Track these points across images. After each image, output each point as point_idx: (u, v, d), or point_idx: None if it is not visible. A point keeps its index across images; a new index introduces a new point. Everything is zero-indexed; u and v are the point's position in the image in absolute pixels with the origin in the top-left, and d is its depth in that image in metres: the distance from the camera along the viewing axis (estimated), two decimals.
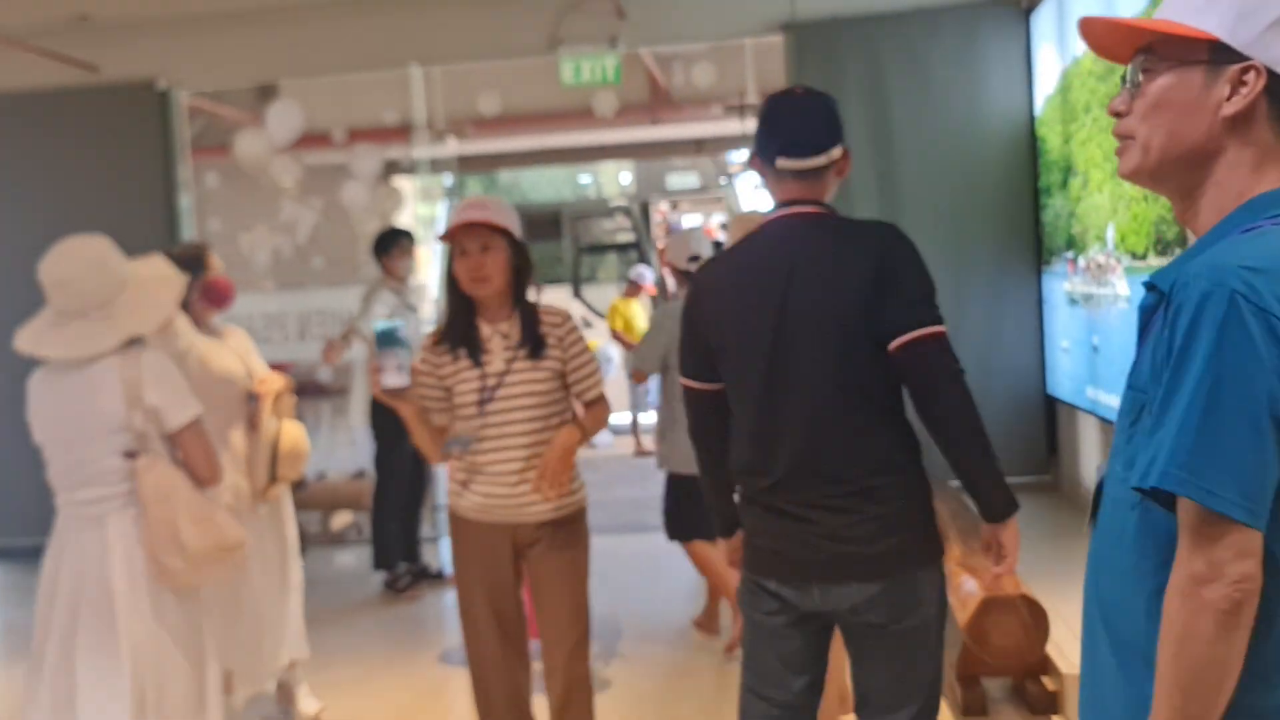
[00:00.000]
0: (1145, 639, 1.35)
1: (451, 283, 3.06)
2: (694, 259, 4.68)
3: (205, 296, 3.84)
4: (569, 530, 3.16)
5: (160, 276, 3.08)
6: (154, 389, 2.83)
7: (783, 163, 2.36)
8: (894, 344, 2.25)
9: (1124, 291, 4.78)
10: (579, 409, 3.21)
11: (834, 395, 2.27)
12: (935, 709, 2.41)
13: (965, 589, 3.82)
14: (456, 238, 3.00)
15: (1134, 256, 4.60)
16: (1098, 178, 5.06)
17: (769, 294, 2.31)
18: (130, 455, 2.83)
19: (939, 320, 2.28)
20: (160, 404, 2.85)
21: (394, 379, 2.84)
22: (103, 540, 2.82)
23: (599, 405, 3.19)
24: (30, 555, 6.87)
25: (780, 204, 2.40)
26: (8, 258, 6.95)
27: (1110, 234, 4.91)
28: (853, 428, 2.28)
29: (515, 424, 3.02)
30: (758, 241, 2.40)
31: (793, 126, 2.39)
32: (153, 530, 2.80)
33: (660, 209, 12.97)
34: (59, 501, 2.93)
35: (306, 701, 4.23)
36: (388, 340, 2.83)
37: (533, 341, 3.05)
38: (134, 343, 2.89)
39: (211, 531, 2.87)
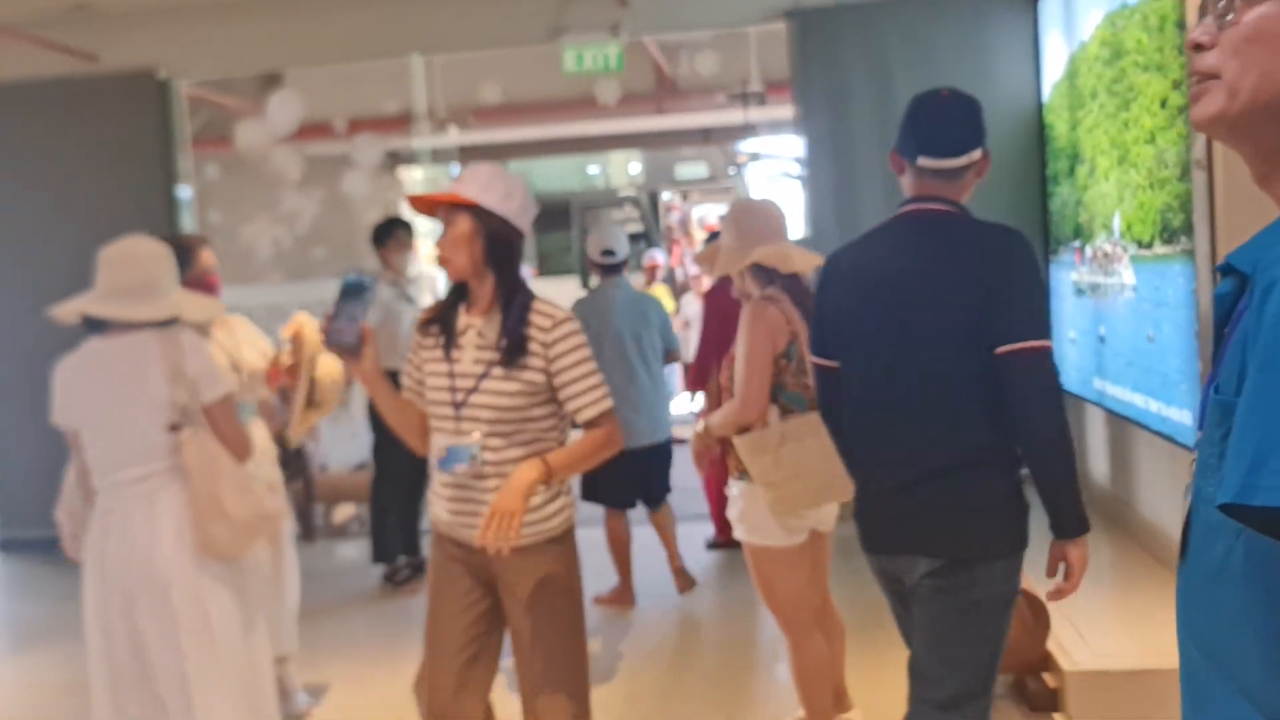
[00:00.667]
0: (1268, 694, 1.08)
1: None
2: (607, 253, 5.12)
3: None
4: (549, 561, 2.66)
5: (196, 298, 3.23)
6: (193, 362, 2.95)
7: (924, 161, 2.48)
8: (999, 350, 2.32)
9: (1130, 281, 4.69)
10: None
11: (946, 387, 2.38)
12: (983, 693, 2.47)
13: None
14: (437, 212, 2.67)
15: (1140, 245, 4.51)
16: (1104, 165, 4.97)
17: (894, 286, 2.42)
18: (174, 428, 2.92)
19: (1045, 334, 2.35)
20: (199, 376, 2.96)
21: (341, 335, 2.55)
22: (152, 518, 2.89)
23: (599, 428, 2.63)
24: (39, 547, 6.92)
25: (912, 200, 2.51)
26: (6, 250, 6.95)
27: (1117, 222, 4.82)
28: (958, 419, 2.38)
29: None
30: (887, 234, 2.52)
31: (936, 127, 2.51)
32: (198, 500, 2.90)
33: (674, 202, 12.90)
34: (100, 484, 2.97)
35: (298, 697, 4.19)
36: (352, 293, 2.59)
37: (509, 345, 2.57)
38: (171, 322, 3.00)
39: (253, 500, 2.98)
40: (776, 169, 9.66)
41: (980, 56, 6.32)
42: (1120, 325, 4.88)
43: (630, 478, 5.16)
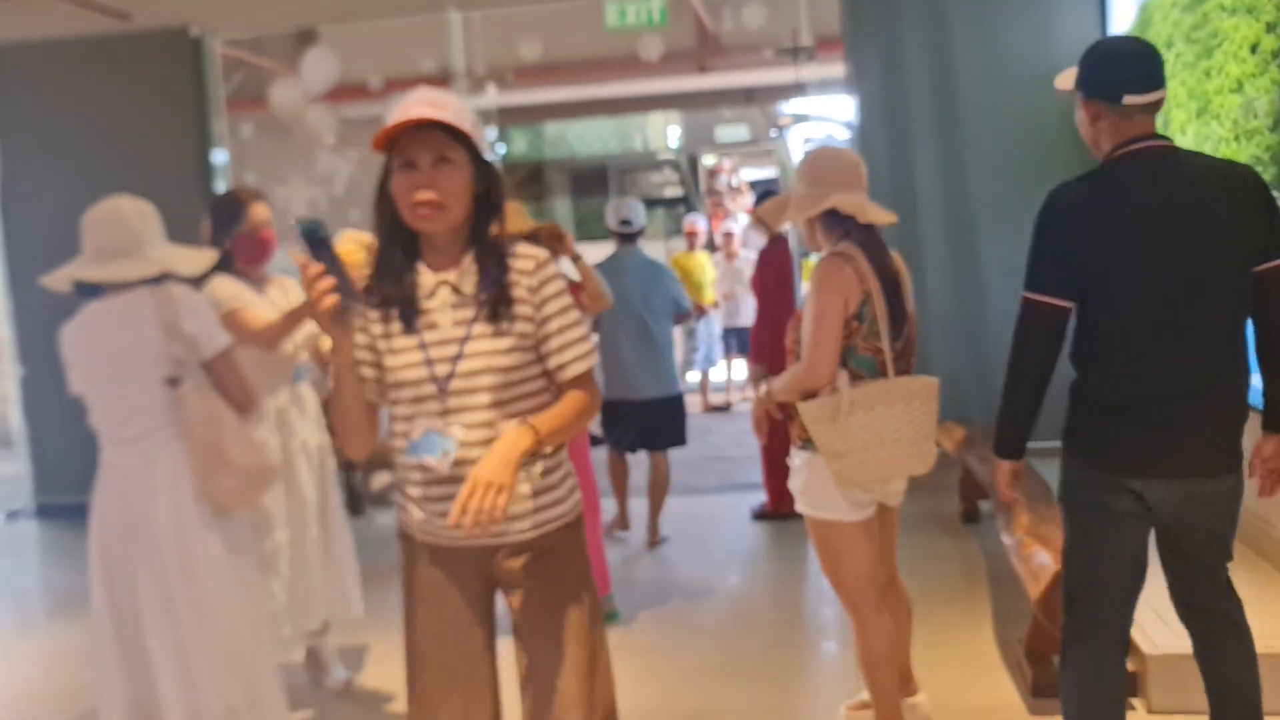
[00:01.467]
0: None
1: (384, 207, 2.15)
2: (625, 222, 5.54)
3: (239, 252, 3.65)
4: (566, 554, 2.28)
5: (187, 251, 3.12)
6: (188, 318, 2.91)
7: (1131, 99, 2.50)
8: (1261, 269, 2.49)
9: None
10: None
11: (1224, 310, 2.49)
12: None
13: (1037, 560, 3.55)
14: (399, 143, 2.09)
15: None
16: (1180, 119, 4.69)
17: (1166, 219, 2.45)
18: (172, 383, 2.90)
19: None
20: (195, 332, 2.92)
21: (344, 296, 2.06)
22: (149, 475, 2.88)
23: (580, 388, 2.22)
24: (74, 513, 6.85)
25: (1132, 139, 2.53)
26: (38, 214, 6.84)
27: None
28: (1229, 345, 2.51)
29: (472, 416, 2.14)
30: (1131, 172, 2.53)
31: (1138, 64, 2.53)
32: (200, 453, 2.88)
33: (722, 165, 12.64)
34: (104, 443, 2.97)
35: (337, 670, 4.06)
36: (320, 244, 2.07)
37: (495, 295, 2.15)
38: (163, 279, 2.96)
39: (257, 451, 2.97)
40: (821, 131, 9.37)
41: (1042, 10, 6.04)
42: None
43: (636, 426, 5.54)
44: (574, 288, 4.34)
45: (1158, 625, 3.55)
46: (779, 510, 6.10)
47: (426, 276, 2.18)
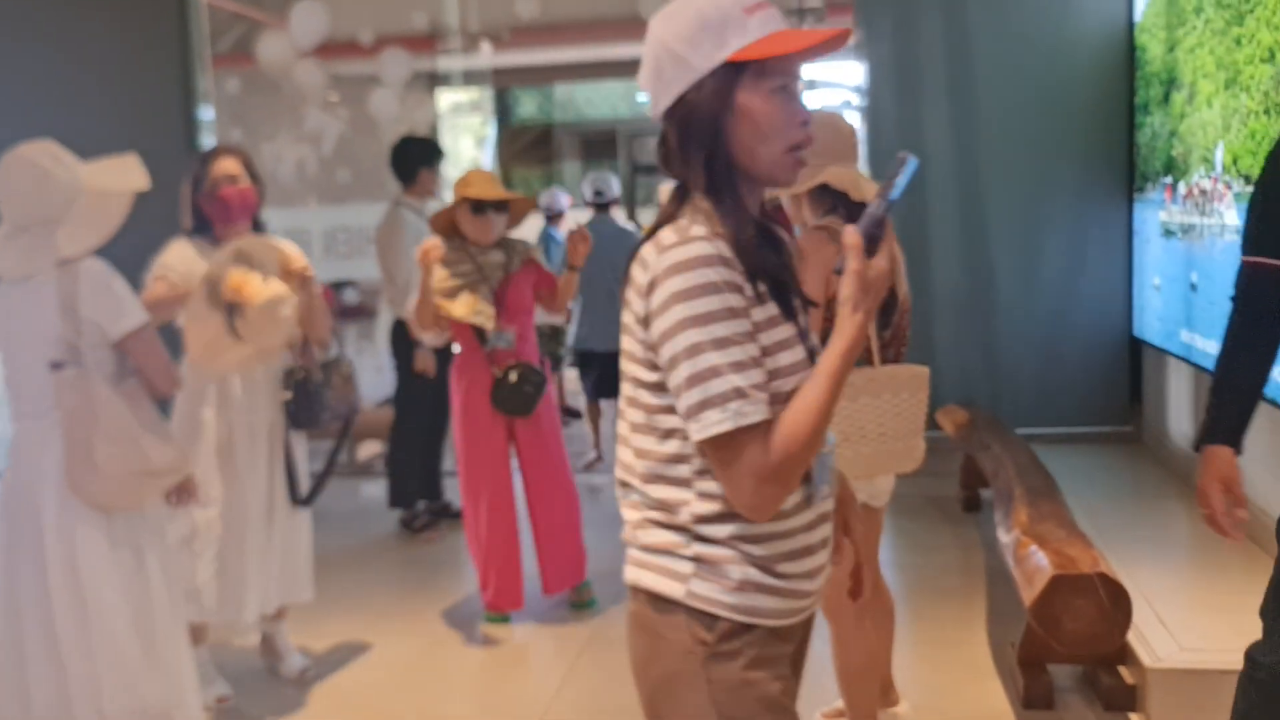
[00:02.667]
0: None
1: (716, 143, 1.54)
2: (598, 194, 6.46)
3: (207, 213, 3.45)
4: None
5: (115, 189, 2.82)
6: (89, 301, 2.70)
7: None
8: None
9: (1233, 222, 4.14)
10: None
11: None
12: None
13: (1033, 562, 3.30)
14: (769, 63, 1.52)
15: (1248, 181, 3.96)
16: (1207, 90, 4.39)
17: None
18: (56, 366, 2.71)
19: None
20: (97, 316, 2.71)
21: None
22: (38, 461, 2.72)
23: None
24: None
25: None
26: None
27: (1219, 155, 4.26)
28: None
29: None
30: None
31: None
32: (70, 447, 2.70)
33: None
34: (11, 417, 2.82)
35: (293, 658, 3.86)
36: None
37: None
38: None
39: (131, 454, 2.74)
40: (831, 97, 9.07)
41: None
42: (1218, 272, 4.34)
43: (610, 376, 6.03)
44: (545, 278, 4.24)
45: (1160, 635, 3.31)
46: None
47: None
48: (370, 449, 7.12)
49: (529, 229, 8.69)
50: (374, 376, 7.00)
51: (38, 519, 2.70)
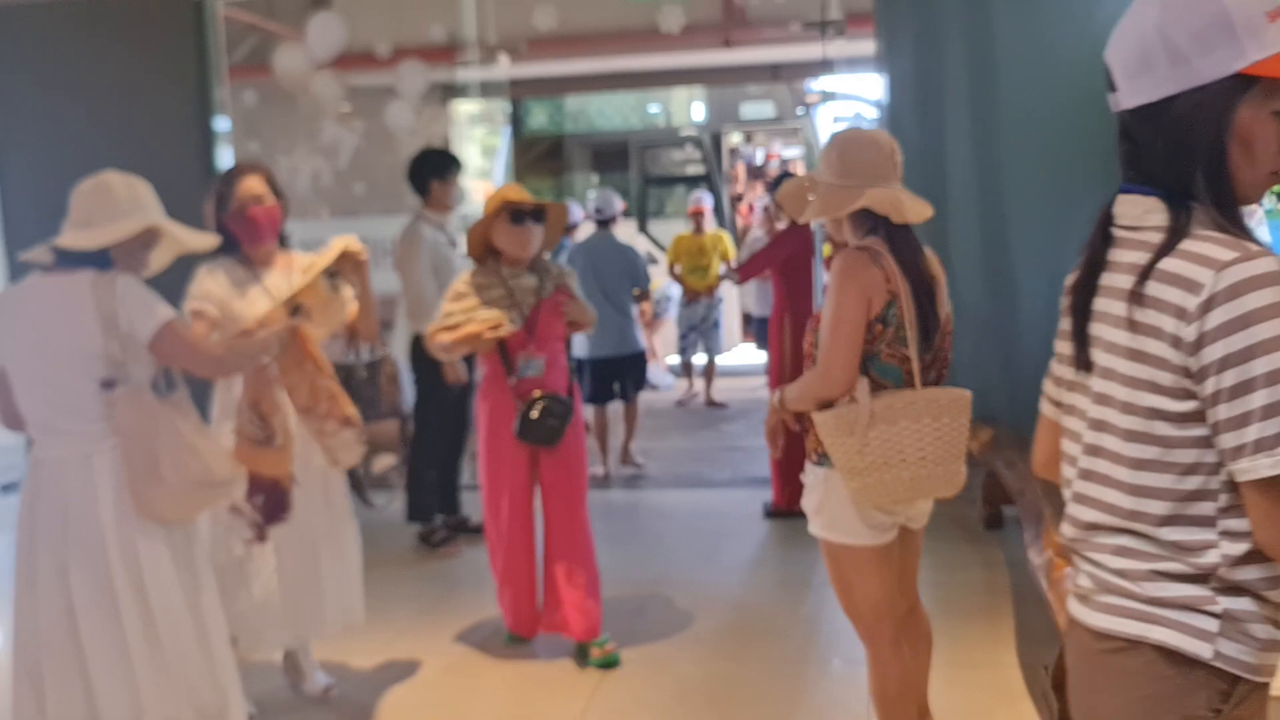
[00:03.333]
0: None
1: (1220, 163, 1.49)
2: (599, 211, 6.88)
3: (234, 233, 3.44)
4: None
5: (176, 238, 2.97)
6: (125, 312, 2.70)
7: None
8: None
9: (1264, 239, 4.09)
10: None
11: None
12: None
13: (1067, 585, 3.26)
14: None
15: None
16: None
17: None
18: (107, 385, 2.70)
19: None
20: (133, 326, 2.72)
21: None
22: (89, 475, 2.69)
23: None
24: None
25: None
26: (32, 182, 6.62)
27: None
28: None
29: None
30: None
31: None
32: (132, 462, 2.70)
33: (774, 151, 12.28)
34: (34, 432, 2.77)
35: (317, 676, 3.83)
36: None
37: None
38: (107, 267, 2.76)
39: (194, 465, 2.75)
40: (850, 110, 9.04)
41: None
42: None
43: (607, 380, 6.82)
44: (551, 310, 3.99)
45: None
46: (790, 508, 5.84)
47: None
48: (385, 462, 7.08)
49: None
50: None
51: (92, 536, 2.68)
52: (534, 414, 3.87)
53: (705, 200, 8.91)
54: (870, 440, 2.57)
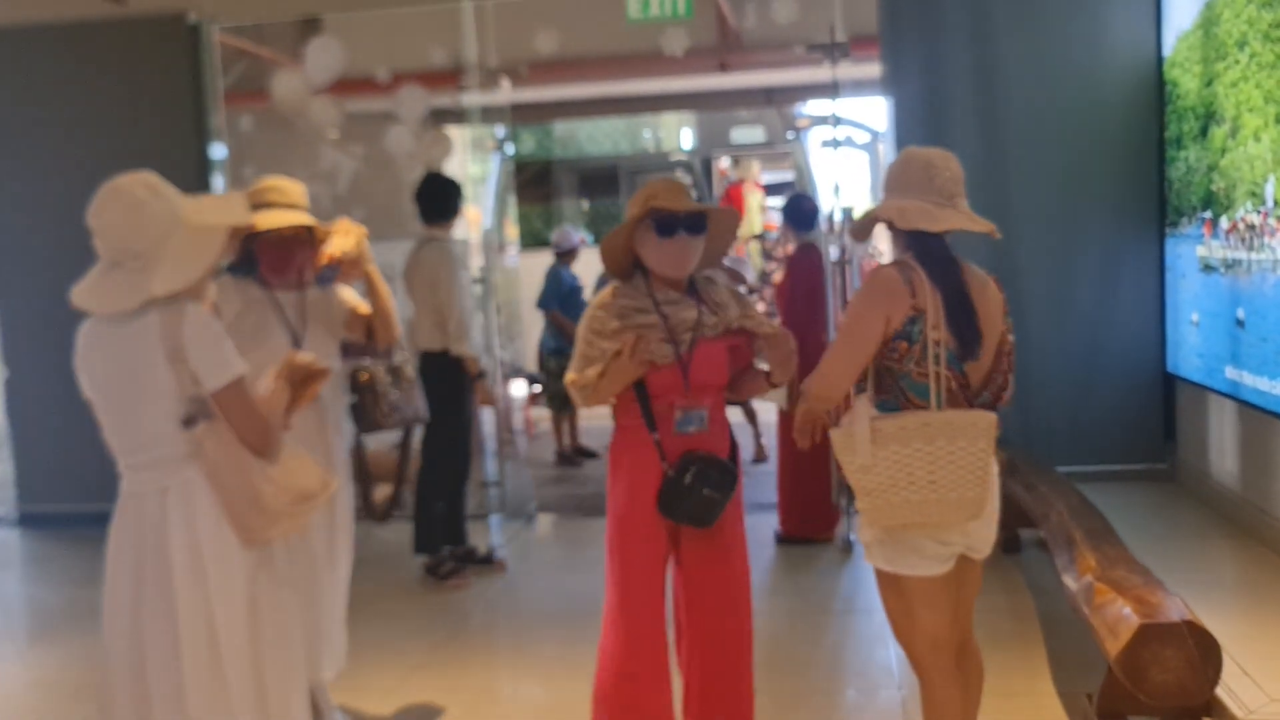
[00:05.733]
0: None
1: None
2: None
3: (266, 260, 3.35)
4: None
5: (211, 225, 2.67)
6: (194, 344, 2.56)
7: None
8: None
9: None
10: None
11: None
12: None
13: (1115, 611, 3.19)
14: None
15: None
16: (1254, 124, 4.34)
17: None
18: (189, 423, 2.58)
19: None
20: (197, 365, 2.56)
21: None
22: (161, 506, 2.60)
23: None
24: (61, 523, 6.48)
25: None
26: (26, 207, 6.50)
27: (1270, 189, 4.20)
28: None
29: None
30: None
31: None
32: (228, 496, 2.60)
33: (724, 167, 12.26)
34: (120, 466, 2.67)
35: (334, 716, 3.70)
36: None
37: None
38: (176, 298, 2.58)
39: (288, 488, 2.66)
40: (841, 135, 9.03)
41: (1091, 11, 5.71)
42: (1269, 308, 4.28)
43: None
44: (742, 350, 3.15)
45: (1246, 686, 3.20)
46: (791, 534, 5.77)
47: None
48: (384, 492, 6.96)
49: (535, 266, 8.61)
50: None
51: (164, 568, 2.58)
52: (687, 479, 2.94)
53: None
54: (880, 460, 2.53)
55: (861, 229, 2.89)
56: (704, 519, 2.97)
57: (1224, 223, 4.74)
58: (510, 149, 10.26)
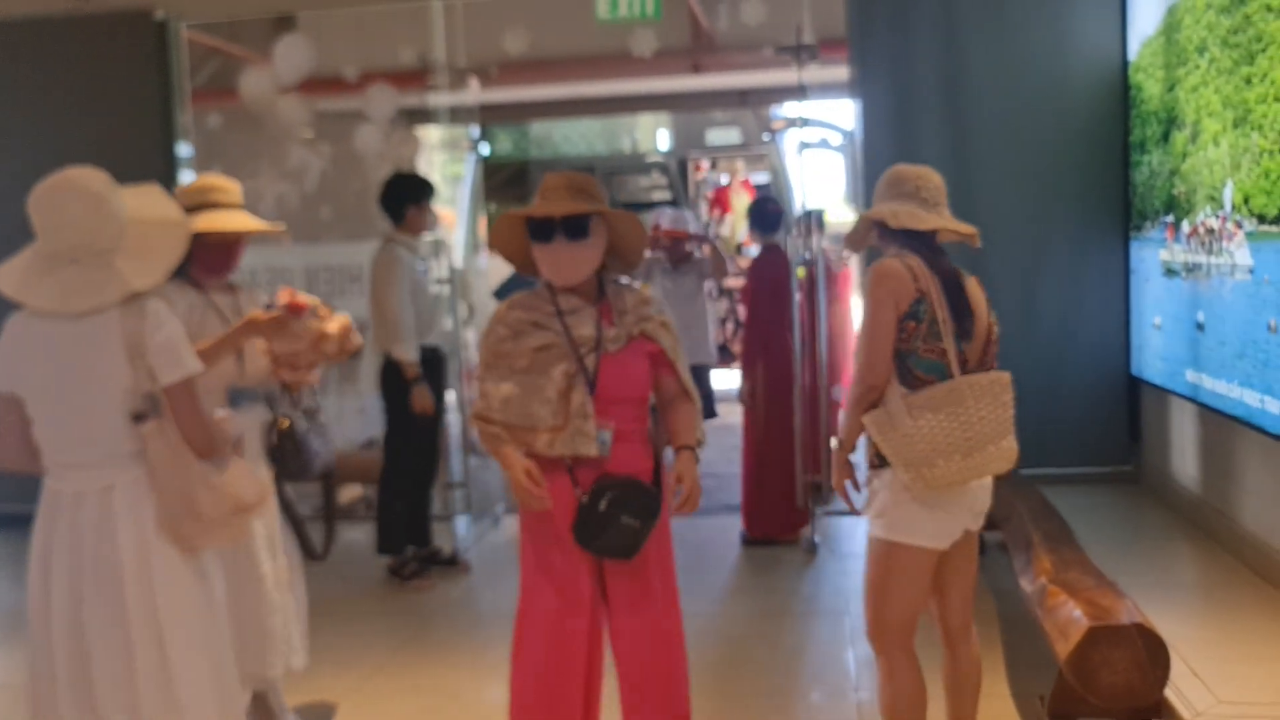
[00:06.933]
0: None
1: None
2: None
3: (204, 261, 3.29)
4: None
5: (162, 219, 2.68)
6: (154, 337, 2.55)
7: None
8: None
9: (1245, 261, 4.10)
10: None
11: None
12: None
13: (1065, 614, 3.21)
14: None
15: (1262, 220, 3.92)
16: (1213, 129, 4.37)
17: None
18: (138, 418, 2.57)
19: None
20: (156, 360, 2.56)
21: None
22: (108, 507, 2.57)
23: None
24: (9, 523, 6.41)
25: None
26: None
27: (1229, 194, 4.23)
28: None
29: None
30: None
31: None
32: (165, 498, 2.58)
33: (701, 165, 12.24)
34: (50, 464, 2.63)
35: (287, 719, 3.68)
36: None
37: None
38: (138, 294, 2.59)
39: (226, 496, 2.64)
40: (816, 136, 9.04)
41: (1058, 15, 5.73)
42: (1228, 312, 4.30)
43: None
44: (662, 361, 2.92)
45: (1195, 687, 3.21)
46: (762, 538, 5.77)
47: None
48: (352, 493, 6.93)
49: (506, 267, 8.58)
50: (357, 418, 6.83)
51: (111, 568, 2.56)
52: (601, 505, 2.72)
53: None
54: (920, 429, 2.68)
55: (858, 235, 3.06)
56: (624, 550, 2.75)
57: (1185, 227, 4.76)
58: (485, 149, 10.25)
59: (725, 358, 9.60)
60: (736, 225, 11.67)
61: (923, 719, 2.88)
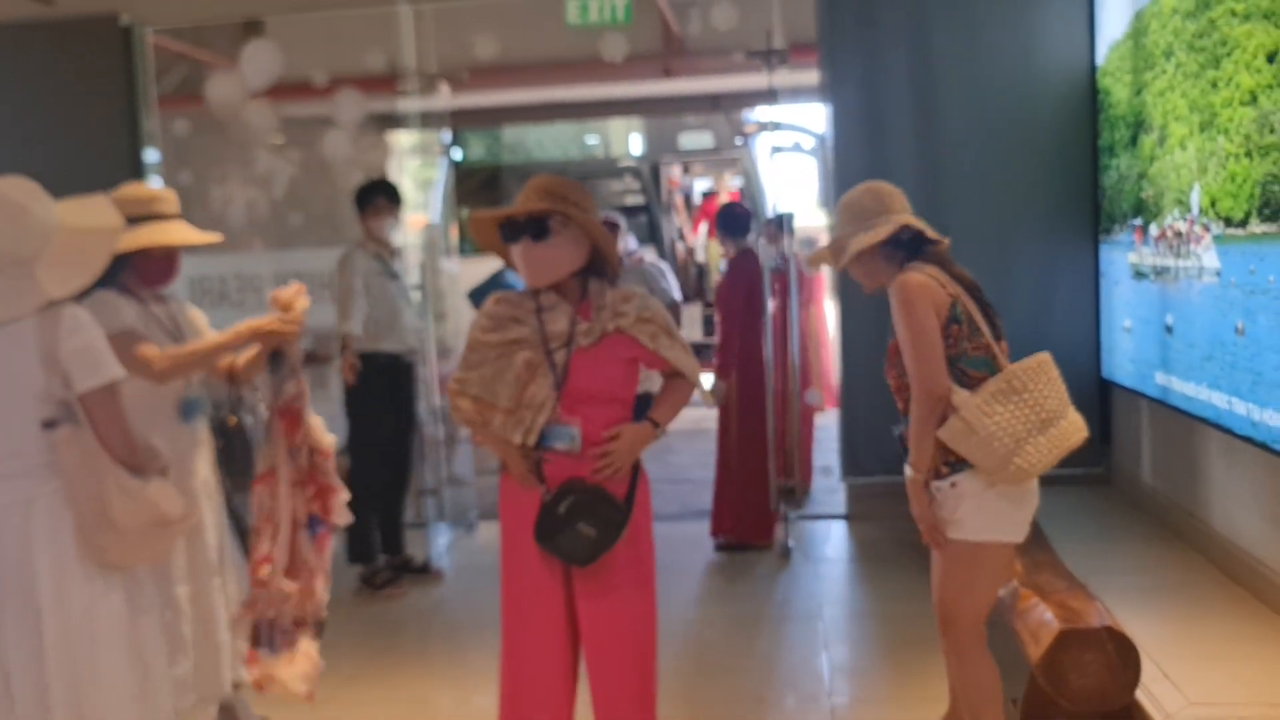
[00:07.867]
0: None
1: None
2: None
3: (145, 272, 3.23)
4: None
5: (92, 228, 2.66)
6: (68, 343, 2.52)
7: None
8: None
9: (1212, 264, 4.13)
10: None
11: None
12: None
13: (1036, 616, 3.22)
14: None
15: (1229, 224, 3.95)
16: (1180, 133, 4.40)
17: None
18: (49, 425, 2.53)
19: None
20: (70, 366, 2.52)
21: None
22: (25, 519, 2.53)
23: None
24: None
25: None
26: None
27: (1195, 197, 4.26)
28: None
29: None
30: None
31: None
32: (80, 507, 2.54)
33: (673, 176, 12.24)
34: None
35: None
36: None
37: None
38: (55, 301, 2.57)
39: (144, 506, 2.59)
40: (788, 140, 9.07)
41: (1026, 19, 5.76)
42: (1196, 314, 4.33)
43: None
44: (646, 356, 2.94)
45: (1166, 689, 3.22)
46: (735, 543, 5.77)
47: None
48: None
49: (480, 272, 8.55)
50: (328, 425, 6.77)
51: (25, 585, 2.51)
52: (561, 508, 2.74)
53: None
54: (998, 423, 2.74)
55: (856, 260, 2.98)
56: (577, 556, 2.75)
57: (1153, 230, 4.79)
58: (457, 154, 10.22)
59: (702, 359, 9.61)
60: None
61: (1001, 707, 2.99)
